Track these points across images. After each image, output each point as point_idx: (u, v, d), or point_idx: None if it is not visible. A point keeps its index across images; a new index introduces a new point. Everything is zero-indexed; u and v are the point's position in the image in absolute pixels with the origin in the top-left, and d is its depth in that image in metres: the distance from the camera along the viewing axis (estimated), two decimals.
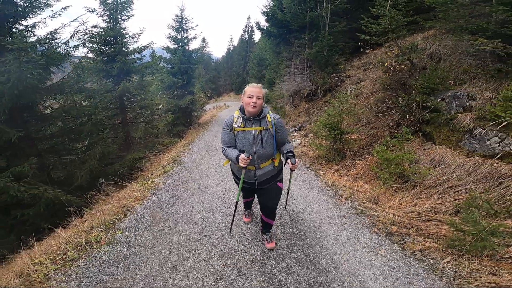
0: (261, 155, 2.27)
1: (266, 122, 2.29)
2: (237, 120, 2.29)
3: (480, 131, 3.47)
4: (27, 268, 2.28)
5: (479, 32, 3.91)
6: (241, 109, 2.31)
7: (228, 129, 2.31)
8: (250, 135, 2.25)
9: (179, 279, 2.16)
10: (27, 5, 5.68)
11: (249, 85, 2.31)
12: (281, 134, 2.34)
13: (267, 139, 2.27)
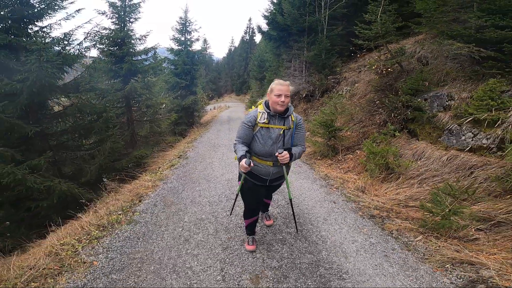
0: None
1: (289, 121, 2.28)
2: (261, 116, 2.24)
3: (456, 127, 3.89)
4: (55, 247, 2.58)
5: (458, 37, 4.33)
6: (266, 105, 2.28)
7: (249, 126, 2.26)
8: (274, 133, 2.23)
9: (191, 249, 2.57)
10: (43, 7, 6.10)
11: (275, 81, 2.25)
12: (299, 133, 2.35)
13: (288, 138, 2.27)
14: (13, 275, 2.21)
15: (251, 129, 2.26)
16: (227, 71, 52.70)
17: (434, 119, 4.29)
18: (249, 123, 2.25)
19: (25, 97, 5.54)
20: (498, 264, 2.16)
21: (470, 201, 2.98)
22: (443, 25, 4.67)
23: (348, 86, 7.80)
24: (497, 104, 3.40)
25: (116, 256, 2.47)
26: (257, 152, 2.30)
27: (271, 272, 2.24)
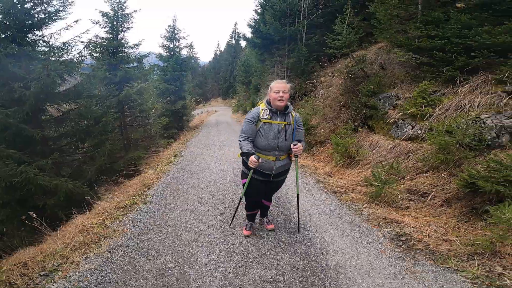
0: (283, 147, 2.43)
1: (290, 117, 2.45)
2: (264, 112, 2.41)
3: (401, 122, 4.93)
4: (86, 227, 3.21)
5: (402, 46, 5.40)
6: (267, 102, 2.45)
7: (253, 121, 2.42)
8: (276, 128, 2.39)
9: (197, 216, 3.39)
10: (43, 17, 6.47)
11: (274, 81, 2.47)
12: (300, 131, 2.53)
13: (289, 133, 2.42)
14: (60, 246, 2.91)
15: (254, 125, 2.41)
16: (213, 76, 53.01)
17: (386, 116, 5.33)
18: (253, 119, 2.42)
19: (33, 103, 6.12)
20: (417, 223, 3.05)
21: (400, 177, 3.99)
22: (392, 35, 5.73)
23: (324, 90, 8.85)
24: (426, 102, 4.46)
25: (140, 224, 3.23)
26: (260, 147, 2.44)
27: (256, 225, 3.10)
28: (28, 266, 2.51)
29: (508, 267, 2.16)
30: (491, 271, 2.15)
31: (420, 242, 2.64)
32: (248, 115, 2.49)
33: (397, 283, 2.11)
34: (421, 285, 2.08)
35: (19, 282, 2.27)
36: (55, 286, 2.16)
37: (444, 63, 4.54)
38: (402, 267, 2.31)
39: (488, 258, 2.28)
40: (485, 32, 4.00)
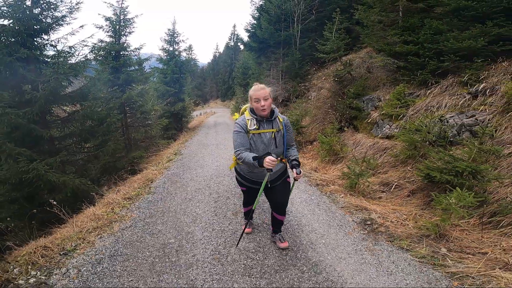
0: (275, 154, 2.20)
1: (277, 123, 2.33)
2: (250, 123, 2.26)
3: (380, 121, 5.41)
4: (96, 215, 3.69)
5: (382, 51, 5.88)
6: (251, 111, 2.30)
7: (243, 131, 2.26)
8: (265, 137, 2.27)
9: (194, 203, 3.85)
10: (50, 22, 6.78)
11: (252, 88, 2.26)
12: (289, 134, 2.45)
13: (280, 139, 2.32)
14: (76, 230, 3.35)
15: (245, 134, 2.26)
16: (212, 77, 53.37)
17: (368, 116, 5.81)
18: (241, 129, 2.26)
19: (42, 104, 6.53)
20: (383, 211, 3.50)
21: (375, 171, 4.46)
22: (374, 41, 6.21)
23: (315, 92, 9.33)
24: (401, 103, 4.94)
25: (145, 210, 3.70)
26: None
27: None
28: (48, 249, 2.93)
29: (452, 250, 2.56)
30: (436, 252, 2.54)
31: (382, 226, 3.10)
32: (235, 127, 2.30)
33: (356, 257, 2.56)
34: (376, 260, 2.50)
35: (41, 261, 2.69)
36: (74, 261, 2.60)
37: (418, 67, 5.02)
38: (363, 245, 2.76)
39: (435, 240, 2.72)
40: (453, 37, 4.47)
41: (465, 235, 2.78)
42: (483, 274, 2.16)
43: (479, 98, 4.05)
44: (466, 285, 2.10)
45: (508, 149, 3.29)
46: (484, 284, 2.07)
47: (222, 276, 2.27)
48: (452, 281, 2.15)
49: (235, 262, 2.46)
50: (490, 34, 4.25)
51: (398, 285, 2.16)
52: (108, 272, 2.38)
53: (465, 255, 2.47)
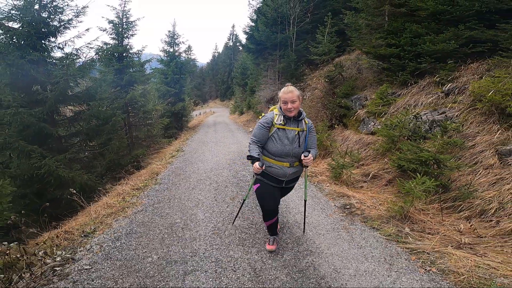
0: (297, 153, 2.36)
1: (303, 124, 2.41)
2: (278, 118, 2.36)
3: (366, 119, 5.88)
4: (108, 203, 4.17)
5: (369, 54, 6.35)
6: (280, 108, 2.38)
7: (266, 126, 2.37)
8: (290, 134, 2.34)
9: (197, 192, 4.33)
10: (59, 25, 7.12)
11: (281, 90, 2.36)
12: (312, 137, 2.50)
13: (303, 140, 2.38)
14: (92, 216, 3.82)
15: (267, 130, 2.36)
16: (211, 77, 53.72)
17: (356, 114, 6.28)
18: (266, 124, 2.36)
19: (52, 104, 6.93)
20: (362, 197, 3.94)
21: (358, 164, 4.94)
22: (361, 44, 6.68)
23: (310, 92, 9.80)
24: (383, 102, 5.41)
25: (154, 198, 4.17)
26: (274, 153, 2.39)
27: (242, 194, 4.03)
28: (69, 233, 3.38)
29: (415, 230, 2.99)
30: (401, 231, 2.98)
31: (359, 210, 3.56)
32: (261, 119, 2.43)
33: (333, 234, 3.00)
34: (349, 237, 2.95)
35: (64, 243, 3.14)
36: (95, 239, 3.06)
37: (400, 68, 5.50)
38: (340, 225, 3.23)
39: (401, 221, 3.16)
40: (429, 40, 4.94)
41: (429, 218, 3.23)
42: (437, 251, 2.57)
43: (450, 97, 4.53)
44: (422, 259, 2.51)
45: (471, 141, 3.76)
46: (437, 259, 2.45)
47: (220, 246, 2.75)
48: (411, 256, 2.56)
49: (231, 235, 2.94)
50: (463, 37, 4.71)
51: (365, 256, 2.61)
52: (126, 246, 2.85)
53: (425, 235, 2.89)
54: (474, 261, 2.35)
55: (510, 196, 2.98)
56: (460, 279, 2.16)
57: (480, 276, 2.16)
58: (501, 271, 2.21)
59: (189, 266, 2.46)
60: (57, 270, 2.55)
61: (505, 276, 2.15)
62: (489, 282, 2.09)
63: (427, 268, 2.35)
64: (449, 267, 2.32)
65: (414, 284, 2.17)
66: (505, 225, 2.77)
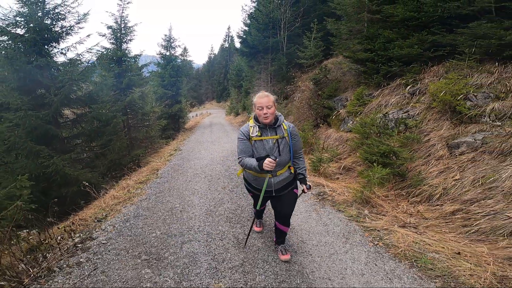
0: (279, 162, 2.26)
1: (282, 130, 2.31)
2: (253, 130, 2.30)
3: (346, 118, 6.51)
4: (115, 196, 4.77)
5: (349, 58, 6.97)
6: (255, 118, 2.33)
7: (245, 138, 2.31)
8: (267, 144, 2.26)
9: (193, 183, 4.92)
10: (61, 31, 7.49)
11: (256, 96, 2.31)
12: (296, 142, 2.40)
13: (284, 147, 2.29)
14: (102, 206, 4.39)
15: (248, 141, 2.31)
16: (207, 79, 54.03)
17: (338, 114, 6.91)
18: (243, 136, 2.32)
19: (57, 107, 7.43)
20: (335, 187, 4.55)
21: (336, 158, 5.56)
22: (342, 49, 7.32)
23: (300, 93, 10.43)
24: (360, 102, 6.05)
25: (156, 189, 4.77)
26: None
27: (231, 184, 4.63)
28: (83, 220, 3.95)
29: (373, 212, 3.58)
30: (360, 213, 3.57)
31: (330, 196, 4.18)
32: (238, 134, 2.39)
33: (305, 215, 3.60)
34: (318, 217, 3.53)
35: (80, 228, 3.71)
36: (108, 222, 3.63)
37: (374, 72, 6.13)
38: (312, 208, 3.82)
39: (362, 205, 3.76)
40: (398, 45, 5.56)
41: (387, 203, 3.84)
42: (385, 228, 3.14)
43: (414, 97, 5.17)
44: (373, 235, 3.09)
45: (427, 136, 4.40)
46: (384, 235, 3.00)
47: (211, 223, 3.35)
48: (365, 233, 3.12)
49: (221, 215, 3.55)
50: (427, 42, 5.33)
51: (328, 232, 3.18)
52: (134, 225, 3.44)
53: (380, 216, 3.48)
54: (414, 238, 2.88)
55: (454, 182, 3.61)
56: (398, 251, 2.68)
57: (415, 251, 2.67)
58: (434, 247, 2.71)
59: (185, 238, 3.05)
60: (79, 246, 3.13)
61: (436, 251, 2.64)
62: (421, 255, 2.59)
63: (375, 243, 2.91)
64: (392, 242, 2.87)
65: (362, 254, 2.71)
66: (447, 208, 3.38)
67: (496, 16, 4.64)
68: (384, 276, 2.37)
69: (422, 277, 2.33)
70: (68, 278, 2.48)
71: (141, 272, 2.50)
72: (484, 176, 3.34)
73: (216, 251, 2.78)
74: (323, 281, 2.33)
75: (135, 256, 2.77)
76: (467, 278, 2.25)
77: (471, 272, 2.30)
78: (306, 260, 2.64)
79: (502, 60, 4.46)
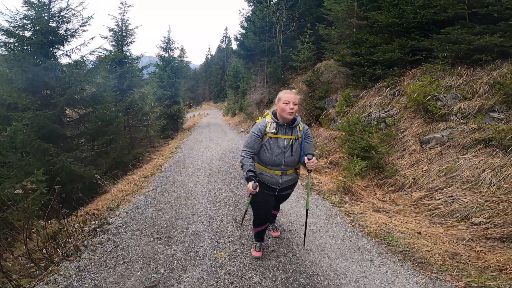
0: (289, 162, 2.30)
1: (297, 131, 2.33)
2: (270, 126, 2.28)
3: (336, 118, 7.05)
4: (122, 189, 5.29)
5: (338, 61, 7.51)
6: (273, 115, 2.32)
7: (259, 135, 2.29)
8: (282, 142, 2.26)
9: (195, 177, 5.42)
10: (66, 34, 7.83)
11: (283, 91, 2.31)
12: (309, 143, 2.40)
13: (296, 148, 2.31)
14: (114, 196, 4.86)
15: (260, 138, 2.29)
16: (204, 79, 54.28)
17: (328, 114, 7.45)
18: (259, 132, 2.29)
19: (63, 107, 7.83)
20: (323, 179, 5.09)
21: (326, 154, 6.10)
22: (332, 53, 7.86)
23: None
24: (347, 103, 6.59)
25: (161, 182, 5.26)
26: (265, 162, 2.33)
27: (230, 176, 5.14)
28: (97, 210, 4.43)
29: (353, 199, 4.09)
30: (342, 200, 4.09)
31: (317, 187, 4.71)
32: (254, 127, 2.35)
33: (294, 201, 4.10)
34: (304, 204, 4.03)
35: (94, 216, 4.18)
36: (121, 210, 4.10)
37: (361, 74, 6.67)
38: (301, 196, 4.34)
39: (344, 193, 4.29)
40: (381, 50, 6.10)
41: (367, 192, 4.38)
42: (362, 212, 3.66)
43: (395, 98, 5.73)
44: (351, 218, 3.64)
45: (403, 133, 4.95)
46: (360, 218, 3.51)
47: (213, 208, 3.87)
48: (344, 216, 3.63)
49: (221, 201, 4.07)
50: (407, 46, 5.86)
51: (313, 215, 3.68)
52: (145, 211, 3.93)
53: (359, 203, 4.00)
54: (384, 220, 3.40)
55: (422, 173, 4.15)
56: (370, 231, 3.19)
57: (384, 230, 3.16)
58: (400, 228, 3.20)
59: (190, 220, 3.56)
60: (98, 230, 3.61)
61: (401, 231, 3.13)
62: (389, 234, 3.08)
63: (352, 224, 3.42)
64: (366, 223, 3.38)
65: (340, 233, 3.20)
66: (415, 195, 3.91)
67: (470, 22, 5.09)
68: (356, 249, 2.87)
69: (388, 251, 2.81)
70: (93, 255, 2.95)
71: (154, 248, 2.99)
72: (447, 167, 3.88)
73: (217, 229, 3.29)
74: (305, 252, 2.84)
75: (148, 235, 3.26)
76: (423, 254, 2.70)
77: (428, 249, 2.77)
78: (293, 236, 3.15)
79: (471, 64, 4.99)
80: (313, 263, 2.63)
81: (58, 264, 2.84)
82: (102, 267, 2.65)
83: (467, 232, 3.00)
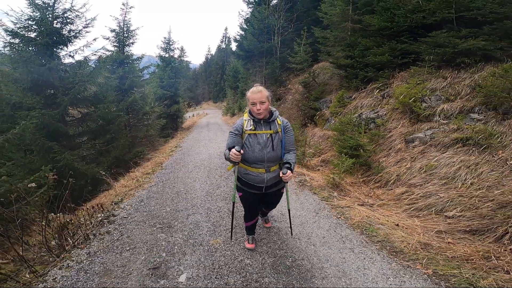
0: (272, 157, 2.30)
1: (276, 125, 2.33)
2: (247, 123, 2.30)
3: (330, 118, 7.36)
4: (124, 184, 5.60)
5: (333, 64, 7.82)
6: (249, 112, 2.33)
7: (237, 133, 2.31)
8: (261, 138, 2.27)
9: (194, 174, 5.71)
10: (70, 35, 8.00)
11: (250, 90, 2.30)
12: (289, 138, 2.40)
13: (277, 142, 2.30)
14: (118, 192, 5.17)
15: (239, 137, 2.31)
16: (204, 79, 54.41)
17: (323, 114, 7.76)
18: (236, 131, 2.32)
19: (67, 106, 8.09)
20: (315, 175, 5.40)
21: (318, 153, 6.41)
22: (327, 55, 8.17)
23: (291, 95, 11.27)
24: (340, 104, 6.90)
25: (162, 178, 5.55)
26: (248, 160, 2.34)
27: (227, 173, 5.45)
28: (102, 203, 4.73)
29: (341, 194, 4.40)
30: (331, 195, 4.39)
31: (309, 183, 5.01)
32: (232, 127, 2.40)
33: (285, 196, 4.45)
34: (297, 198, 4.34)
35: (99, 210, 4.49)
36: (126, 203, 4.40)
37: (354, 76, 6.97)
38: (293, 191, 4.63)
39: (333, 189, 4.60)
40: (372, 53, 6.39)
41: (355, 188, 4.68)
42: (348, 206, 3.95)
43: (384, 99, 6.03)
44: (337, 211, 3.96)
45: (390, 132, 5.26)
46: (346, 211, 3.80)
47: (210, 201, 4.18)
48: (332, 209, 3.92)
49: (218, 195, 4.37)
50: (397, 50, 6.15)
51: (303, 208, 4.00)
52: (148, 204, 4.23)
53: (346, 197, 4.30)
54: (367, 213, 3.69)
55: (405, 170, 4.46)
56: (354, 222, 3.48)
57: (366, 222, 3.45)
58: (381, 220, 3.50)
59: (190, 212, 3.86)
60: (105, 221, 3.91)
61: (381, 223, 3.42)
62: (370, 226, 3.37)
63: (338, 216, 3.71)
64: (351, 216, 3.67)
65: (326, 224, 3.50)
66: (397, 191, 4.21)
67: (457, 25, 5.35)
68: (339, 239, 3.17)
69: (367, 241, 3.10)
70: (102, 242, 3.24)
71: (157, 236, 3.29)
72: (427, 164, 4.19)
73: (214, 219, 3.59)
74: (293, 240, 3.14)
75: (151, 225, 3.56)
76: (398, 244, 2.98)
77: (403, 239, 3.06)
78: (283, 226, 3.46)
79: (455, 67, 5.29)
80: (299, 249, 2.93)
81: (69, 252, 3.13)
82: (110, 253, 2.94)
83: (440, 225, 3.29)
